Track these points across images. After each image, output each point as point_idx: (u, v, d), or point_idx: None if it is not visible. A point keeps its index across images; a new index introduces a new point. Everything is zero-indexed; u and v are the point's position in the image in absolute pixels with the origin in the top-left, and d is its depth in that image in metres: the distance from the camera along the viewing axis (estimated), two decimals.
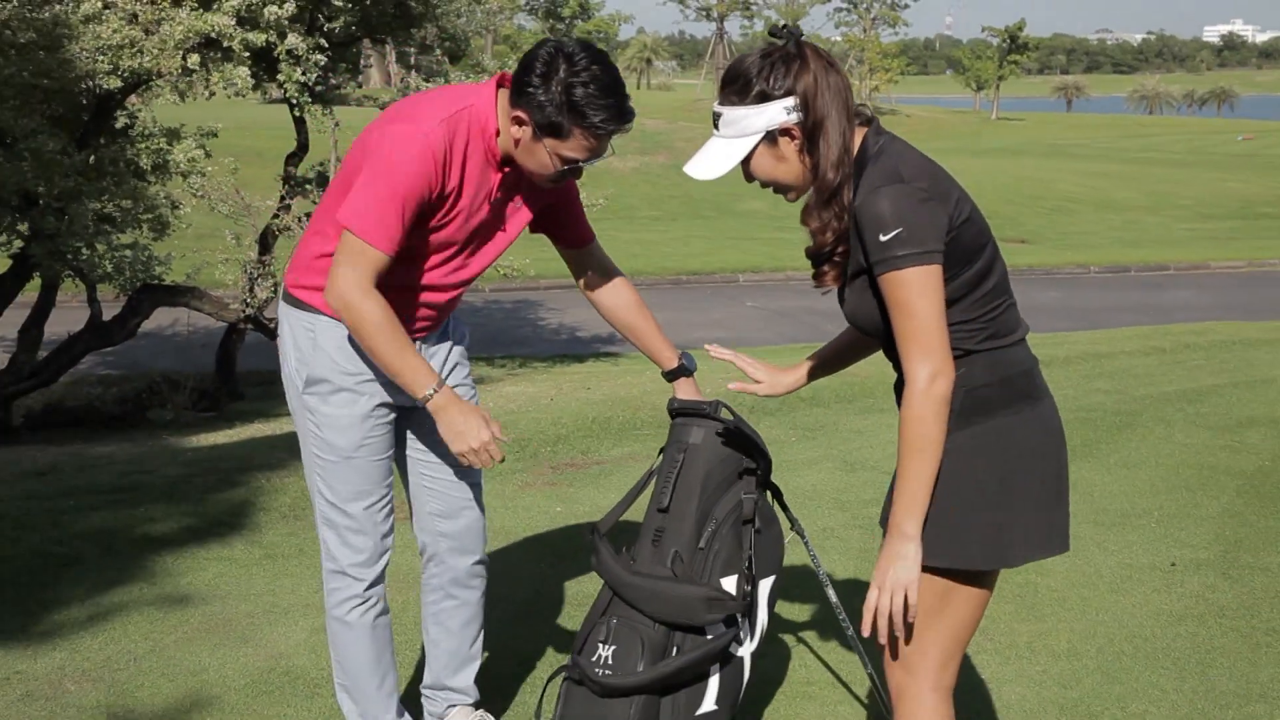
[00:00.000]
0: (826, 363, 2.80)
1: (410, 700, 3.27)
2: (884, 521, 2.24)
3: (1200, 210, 28.50)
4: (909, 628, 2.21)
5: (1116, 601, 4.25)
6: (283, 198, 9.96)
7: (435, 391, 2.55)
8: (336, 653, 2.89)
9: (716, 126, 2.25)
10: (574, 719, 2.80)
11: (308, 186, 9.95)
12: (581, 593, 4.28)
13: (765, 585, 2.96)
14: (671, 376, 3.05)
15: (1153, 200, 29.36)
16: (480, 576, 3.07)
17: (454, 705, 3.14)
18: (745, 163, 2.23)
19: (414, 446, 2.92)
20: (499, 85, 2.59)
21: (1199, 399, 7.30)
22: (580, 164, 2.56)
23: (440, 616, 3.07)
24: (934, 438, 2.12)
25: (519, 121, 2.52)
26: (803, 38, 2.25)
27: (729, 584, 2.88)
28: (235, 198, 10.06)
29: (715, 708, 2.85)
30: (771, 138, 2.21)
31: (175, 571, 4.50)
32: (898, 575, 2.14)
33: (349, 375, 2.72)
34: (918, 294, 2.10)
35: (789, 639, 3.84)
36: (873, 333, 2.26)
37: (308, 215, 9.39)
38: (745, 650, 2.92)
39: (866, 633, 2.17)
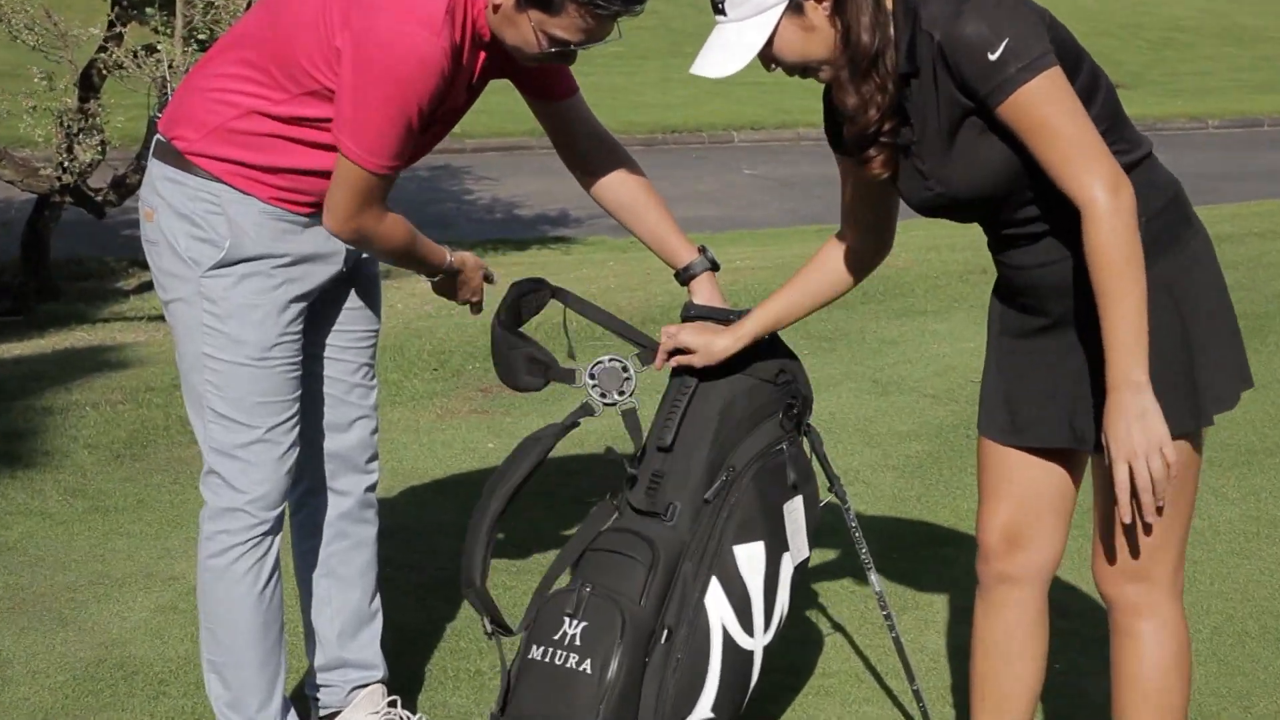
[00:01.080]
0: (788, 311, 2.92)
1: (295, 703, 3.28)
2: (995, 431, 2.62)
3: None
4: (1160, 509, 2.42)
5: (1238, 567, 4.27)
6: (112, 23, 9.76)
7: (452, 254, 2.99)
8: (209, 619, 2.95)
9: (721, 10, 2.41)
10: (521, 715, 2.86)
11: (149, 10, 9.75)
12: (525, 556, 4.30)
13: (790, 563, 3.01)
14: (686, 276, 3.10)
15: None
16: (374, 507, 3.20)
17: (359, 686, 3.18)
18: (765, 46, 2.43)
19: (310, 342, 3.03)
20: None
21: None
22: (572, 47, 2.68)
23: (330, 563, 3.15)
24: (1139, 259, 2.34)
25: None
26: None
27: (744, 557, 2.92)
28: (46, 23, 9.85)
29: (712, 715, 2.90)
30: (796, 6, 2.41)
31: None
32: (1148, 434, 2.35)
33: (271, 257, 2.85)
34: (1054, 104, 2.34)
35: (804, 621, 3.87)
36: (989, 198, 2.48)
37: (148, 48, 9.22)
38: (757, 642, 2.98)
39: (1127, 518, 2.41)
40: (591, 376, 3.06)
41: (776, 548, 2.99)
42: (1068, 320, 2.53)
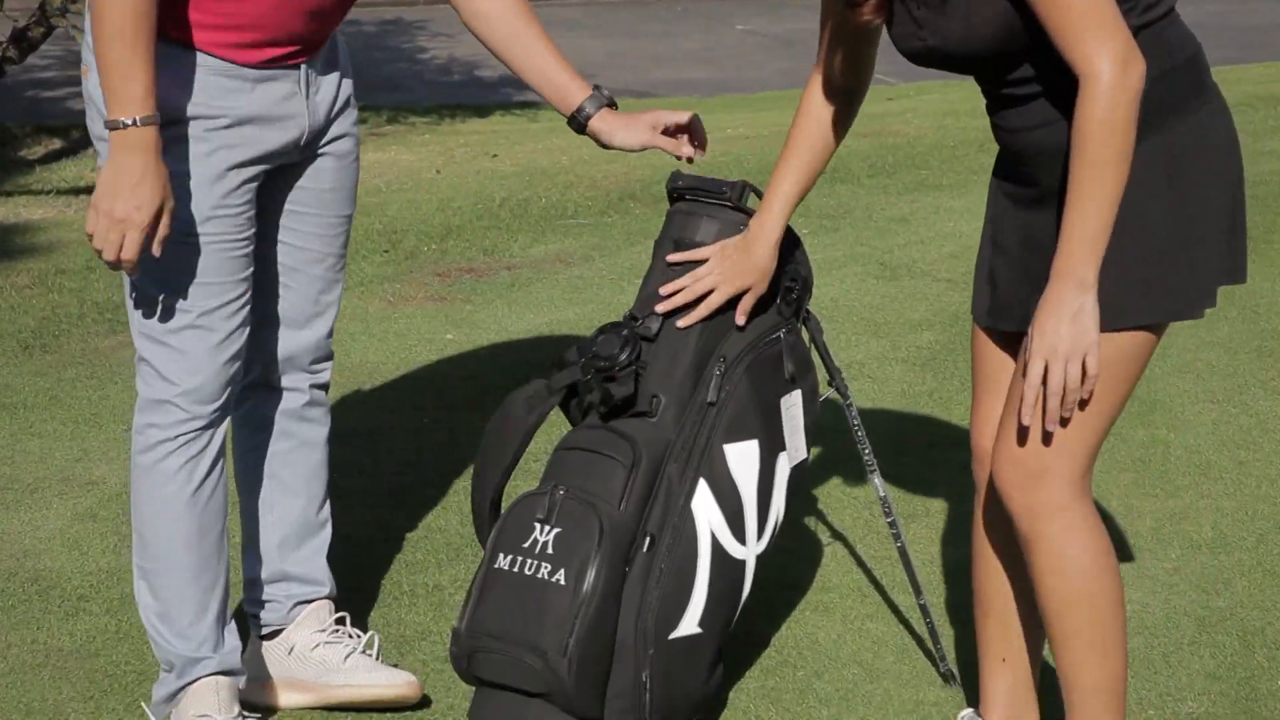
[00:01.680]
0: (803, 177, 2.92)
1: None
2: (980, 314, 2.62)
3: None
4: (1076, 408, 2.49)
5: None
6: None
7: (136, 123, 2.69)
8: (139, 521, 2.97)
9: None
10: (487, 632, 2.88)
11: None
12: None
13: (786, 464, 3.04)
14: (581, 119, 3.08)
15: None
16: (325, 406, 3.22)
17: (303, 602, 3.20)
18: None
19: (266, 223, 3.01)
20: None
21: None
22: None
23: (273, 465, 3.17)
24: (1126, 150, 2.37)
25: None
26: None
27: (735, 456, 2.95)
28: None
29: (699, 631, 2.93)
30: None
31: None
32: (1077, 336, 2.41)
33: (204, 119, 2.84)
34: None
35: (800, 530, 3.90)
36: (985, 57, 2.49)
37: None
38: (749, 551, 3.00)
39: (1026, 419, 2.49)
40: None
41: (771, 447, 3.00)
42: (1056, 192, 2.53)
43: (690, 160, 3.11)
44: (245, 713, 2.99)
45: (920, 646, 3.41)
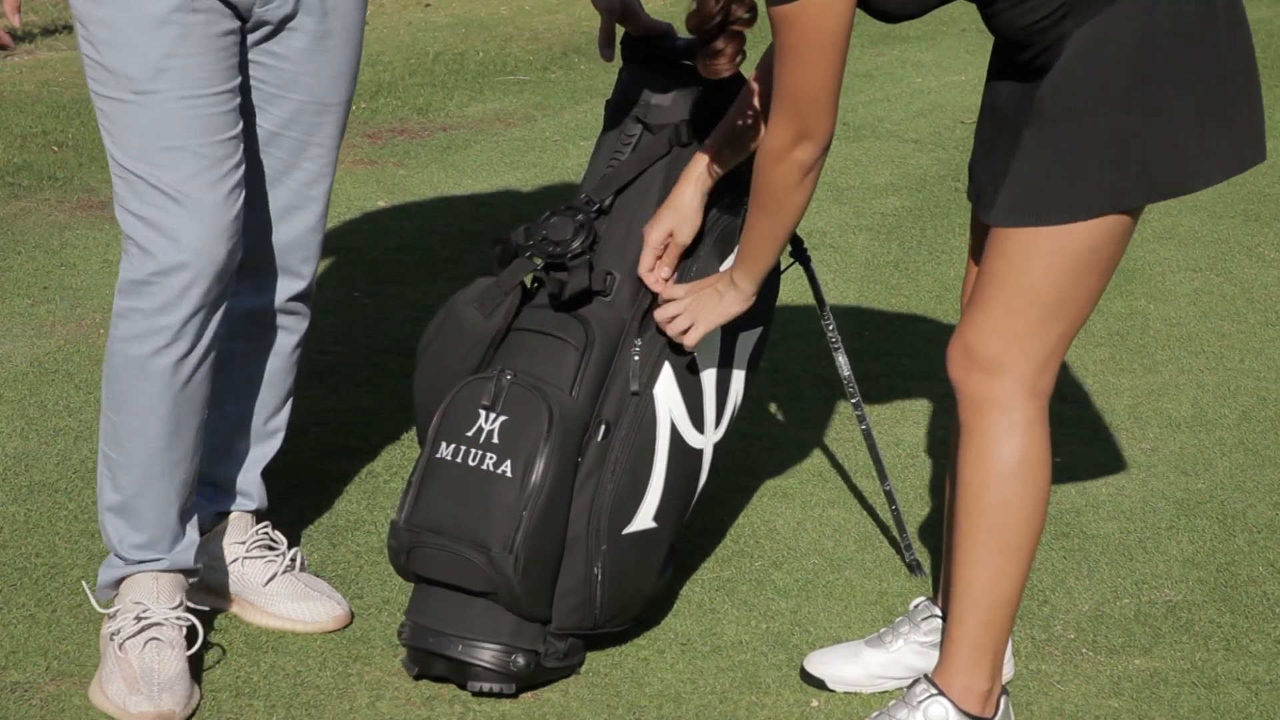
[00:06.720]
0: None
1: None
2: (977, 197, 2.63)
3: None
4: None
5: (1275, 340, 4.37)
6: None
7: None
8: (113, 409, 2.92)
9: None
10: (427, 526, 2.87)
11: None
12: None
13: (747, 343, 3.04)
14: None
15: None
16: (301, 315, 3.14)
17: (226, 512, 3.17)
18: None
19: (245, 102, 2.93)
20: None
21: None
22: None
23: (231, 364, 3.06)
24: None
25: None
26: None
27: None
28: None
29: (654, 525, 2.94)
30: None
31: None
32: (706, 313, 2.83)
33: None
34: None
35: (759, 413, 3.91)
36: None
37: None
38: (707, 440, 3.00)
39: (659, 318, 2.85)
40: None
41: (733, 325, 2.97)
42: (1043, 62, 2.50)
43: None
44: (191, 604, 2.94)
45: (885, 534, 3.43)
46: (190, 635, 2.89)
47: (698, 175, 2.90)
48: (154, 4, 2.74)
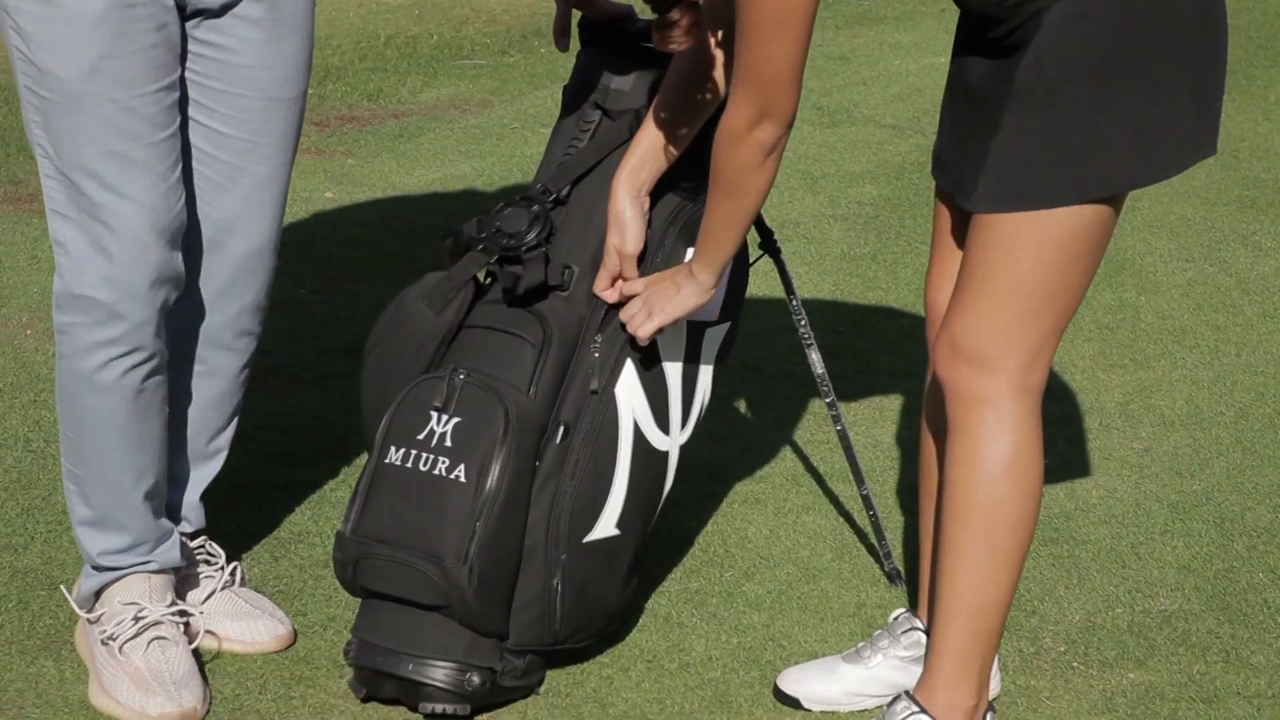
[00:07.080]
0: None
1: None
2: (955, 184, 2.60)
3: None
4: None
5: (1273, 333, 4.35)
6: None
7: None
8: (69, 426, 2.91)
9: None
10: (376, 536, 2.83)
11: None
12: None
13: (714, 339, 3.02)
14: None
15: None
16: (252, 335, 3.10)
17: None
18: None
19: (199, 86, 2.89)
20: None
21: None
22: None
23: (172, 387, 3.00)
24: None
25: None
26: None
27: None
28: None
29: (617, 533, 2.92)
30: None
31: None
32: (663, 305, 2.80)
33: None
34: None
35: (728, 414, 3.90)
36: None
37: None
38: (672, 441, 3.00)
39: (610, 298, 2.86)
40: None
41: (700, 320, 2.98)
42: (1017, 39, 2.47)
43: None
44: (181, 603, 2.95)
45: (862, 542, 3.41)
46: (189, 633, 2.93)
47: (628, 177, 2.88)
48: (89, 3, 2.70)
